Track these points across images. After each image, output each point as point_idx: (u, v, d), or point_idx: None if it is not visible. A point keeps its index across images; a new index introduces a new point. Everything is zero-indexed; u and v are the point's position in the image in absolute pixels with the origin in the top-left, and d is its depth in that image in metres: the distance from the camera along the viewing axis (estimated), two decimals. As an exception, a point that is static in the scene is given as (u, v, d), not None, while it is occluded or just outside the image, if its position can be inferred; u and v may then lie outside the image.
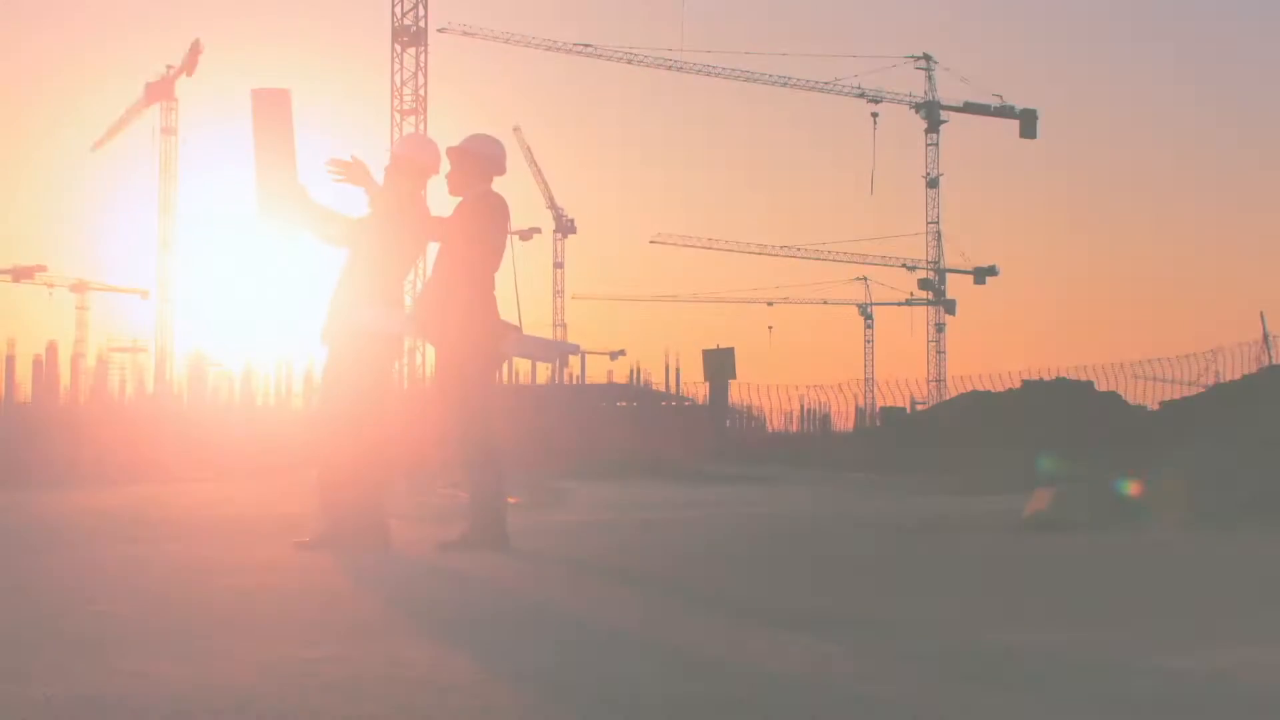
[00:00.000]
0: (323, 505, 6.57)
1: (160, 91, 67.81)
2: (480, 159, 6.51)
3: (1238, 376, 24.91)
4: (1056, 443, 18.70)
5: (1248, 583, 4.87)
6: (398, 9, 50.60)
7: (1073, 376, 26.45)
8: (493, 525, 6.33)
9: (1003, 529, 7.55)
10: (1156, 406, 24.71)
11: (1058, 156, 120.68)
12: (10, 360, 28.54)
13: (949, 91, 74.11)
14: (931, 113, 73.40)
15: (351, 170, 6.40)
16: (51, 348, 29.21)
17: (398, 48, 50.58)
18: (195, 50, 66.76)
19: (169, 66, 67.94)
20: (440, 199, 6.65)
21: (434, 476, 15.67)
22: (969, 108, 73.57)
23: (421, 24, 50.75)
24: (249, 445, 25.71)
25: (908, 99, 73.34)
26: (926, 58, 73.26)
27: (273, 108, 6.44)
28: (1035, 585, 4.84)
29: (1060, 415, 20.52)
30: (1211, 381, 27.95)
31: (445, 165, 6.57)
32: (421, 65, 50.41)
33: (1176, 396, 26.03)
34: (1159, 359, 31.11)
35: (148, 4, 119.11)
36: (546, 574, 5.39)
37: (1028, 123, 73.27)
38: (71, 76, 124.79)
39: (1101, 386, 26.12)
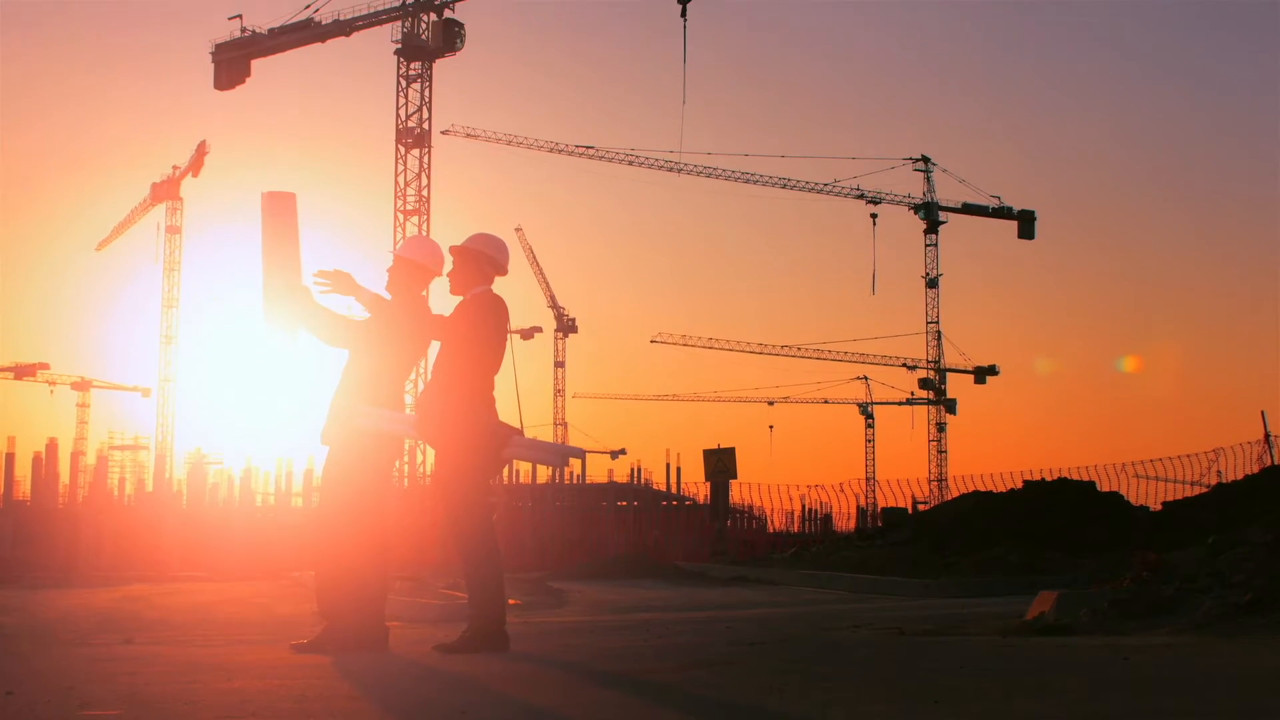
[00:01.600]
0: (321, 607, 6.54)
1: (166, 191, 68.56)
2: (482, 258, 6.56)
3: (1240, 476, 24.88)
4: (1059, 543, 18.62)
5: (1252, 687, 4.83)
6: (402, 111, 51.40)
7: (1075, 476, 26.38)
8: (492, 627, 6.29)
9: (1006, 632, 7.49)
10: (1159, 507, 24.63)
11: (1056, 257, 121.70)
12: (10, 458, 28.50)
13: (947, 193, 74.97)
14: (930, 214, 74.07)
15: (337, 281, 6.45)
16: (51, 445, 29.20)
17: (401, 149, 51.27)
18: (201, 151, 67.59)
19: (175, 167, 68.85)
20: (442, 297, 6.71)
21: (433, 577, 15.56)
22: (967, 209, 74.30)
23: (425, 126, 51.54)
24: (247, 545, 25.61)
25: (907, 200, 74.12)
26: (925, 159, 74.12)
27: (280, 210, 6.53)
28: (1042, 692, 4.79)
29: (1062, 515, 20.41)
30: (1213, 481, 27.90)
31: (448, 265, 6.63)
32: (425, 166, 51.11)
33: (1179, 496, 25.96)
34: (1161, 459, 31.11)
35: (155, 106, 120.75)
36: (545, 677, 5.34)
37: (1026, 224, 73.92)
38: (77, 176, 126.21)
39: (1104, 487, 26.04)
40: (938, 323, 74.67)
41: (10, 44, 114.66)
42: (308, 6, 52.93)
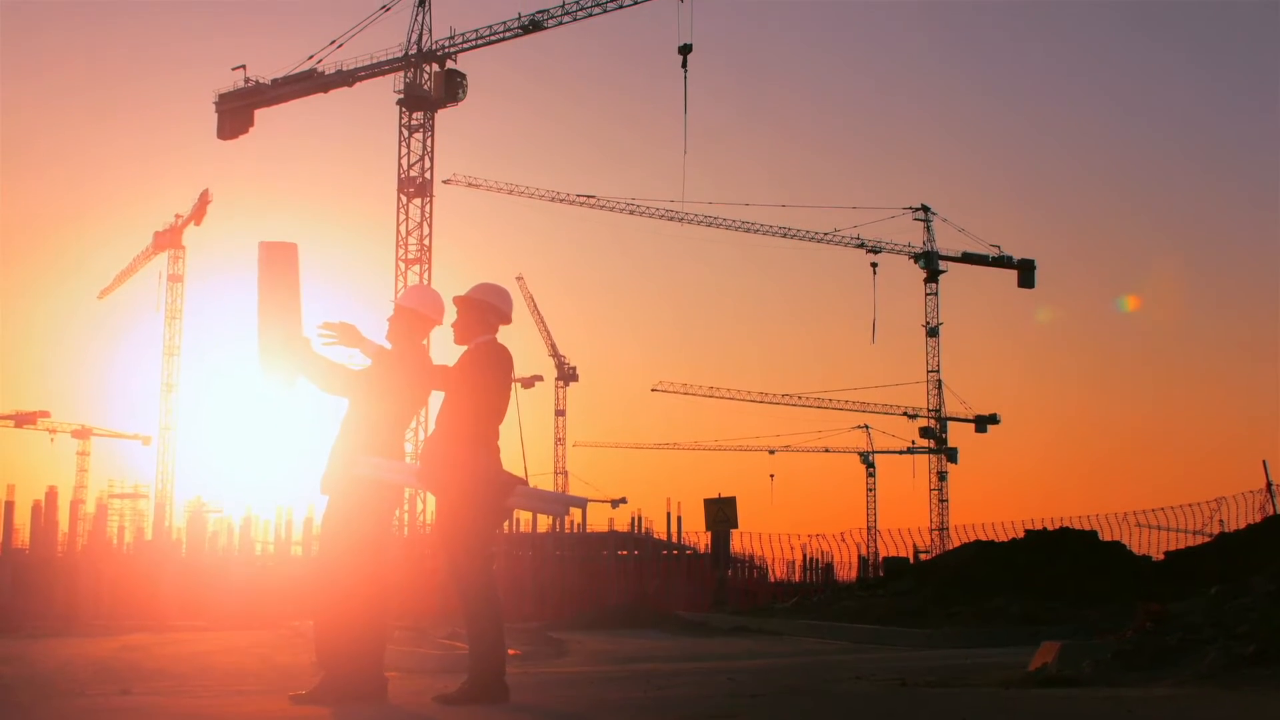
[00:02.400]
0: (320, 657, 6.51)
1: (168, 240, 68.78)
2: (485, 308, 6.58)
3: (1242, 525, 24.83)
4: (1061, 593, 18.55)
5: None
6: (404, 161, 51.66)
7: (1076, 526, 26.32)
8: (492, 678, 6.26)
9: (1009, 683, 7.45)
10: (1161, 556, 24.55)
11: (1056, 306, 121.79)
12: (9, 506, 28.42)
13: (947, 242, 75.20)
14: (930, 263, 74.30)
15: (342, 333, 6.47)
16: (51, 494, 29.13)
17: (403, 198, 51.51)
18: (204, 200, 67.85)
19: (177, 216, 69.08)
20: (446, 347, 6.72)
21: (433, 627, 15.50)
22: (967, 258, 74.53)
23: (427, 175, 51.81)
24: (247, 594, 25.50)
25: (907, 249, 74.35)
26: (925, 209, 74.43)
27: (279, 260, 6.55)
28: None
29: (1065, 565, 20.34)
30: (1216, 531, 27.84)
31: (450, 315, 6.65)
32: (426, 215, 51.32)
33: (1181, 546, 25.89)
34: (1163, 508, 31.07)
35: (158, 155, 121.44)
36: (546, 729, 5.31)
37: (1025, 273, 74.12)
38: (79, 225, 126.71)
39: (1106, 536, 25.99)
40: (938, 371, 74.75)
41: (15, 92, 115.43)
42: (311, 57, 53.40)
